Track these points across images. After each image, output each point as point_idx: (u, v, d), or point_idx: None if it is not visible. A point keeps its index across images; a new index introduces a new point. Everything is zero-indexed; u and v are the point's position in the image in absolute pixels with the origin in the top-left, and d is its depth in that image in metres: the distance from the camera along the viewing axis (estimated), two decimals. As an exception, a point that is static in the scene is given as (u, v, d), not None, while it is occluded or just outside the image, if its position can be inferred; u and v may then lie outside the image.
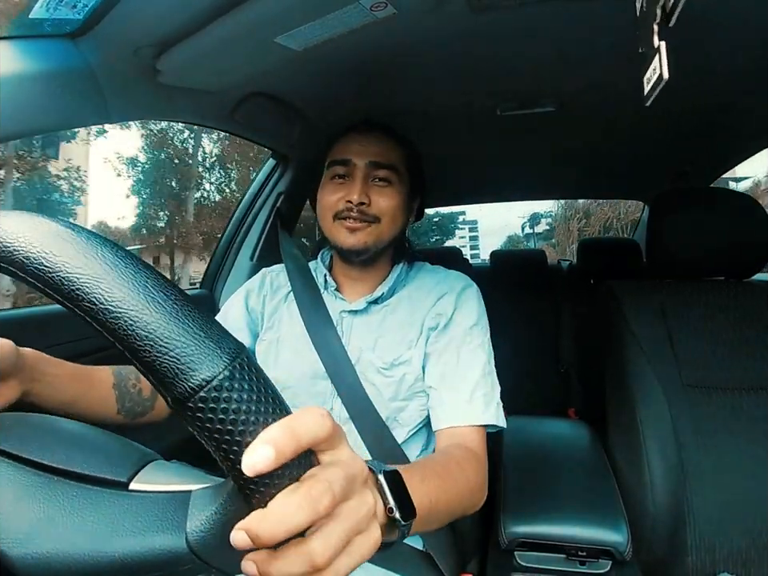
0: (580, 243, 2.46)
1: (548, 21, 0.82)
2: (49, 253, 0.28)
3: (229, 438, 0.27)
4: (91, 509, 0.31)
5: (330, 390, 0.84)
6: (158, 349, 0.27)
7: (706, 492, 0.95)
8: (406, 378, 0.84)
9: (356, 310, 0.89)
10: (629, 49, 0.89)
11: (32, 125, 0.71)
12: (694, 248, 1.08)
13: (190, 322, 0.28)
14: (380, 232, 0.86)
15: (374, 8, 0.70)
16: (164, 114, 0.97)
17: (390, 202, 0.86)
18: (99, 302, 0.27)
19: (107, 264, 0.28)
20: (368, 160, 0.86)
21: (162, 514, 0.31)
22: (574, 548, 0.87)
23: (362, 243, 0.85)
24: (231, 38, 0.73)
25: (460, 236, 36.01)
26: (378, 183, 0.86)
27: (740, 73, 1.01)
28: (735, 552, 0.92)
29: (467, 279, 0.93)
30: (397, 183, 0.88)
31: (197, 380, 0.27)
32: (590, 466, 1.07)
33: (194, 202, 15.35)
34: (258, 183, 1.49)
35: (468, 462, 0.72)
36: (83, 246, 0.29)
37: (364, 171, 0.86)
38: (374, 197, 0.85)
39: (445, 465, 0.67)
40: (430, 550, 0.83)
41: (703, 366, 1.02)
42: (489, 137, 1.49)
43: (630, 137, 1.50)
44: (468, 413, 0.78)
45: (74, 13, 0.65)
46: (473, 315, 0.87)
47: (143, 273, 0.29)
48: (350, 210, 0.84)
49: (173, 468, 0.37)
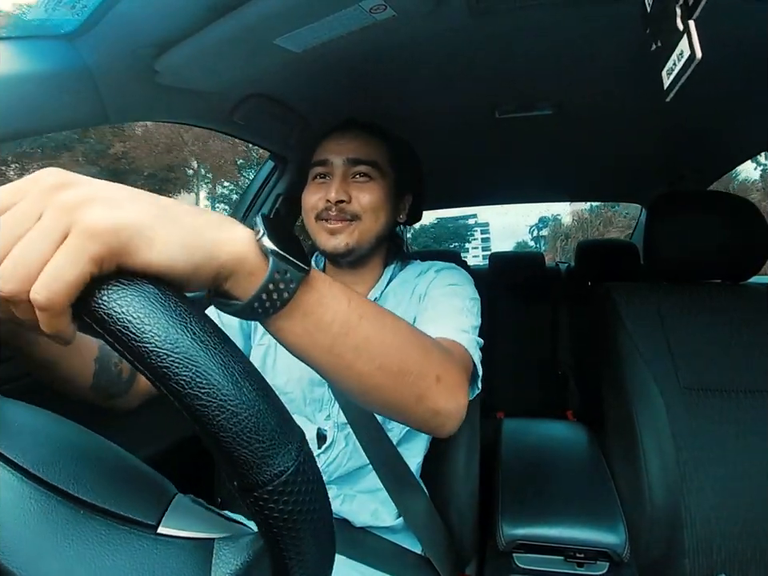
0: (578, 246, 2.46)
1: (546, 24, 0.83)
2: (136, 318, 0.26)
3: (284, 526, 0.27)
4: (122, 551, 0.30)
5: (328, 397, 0.83)
6: (240, 442, 0.26)
7: (704, 494, 0.95)
8: None
9: None
10: (628, 53, 0.91)
11: (30, 126, 0.71)
12: (691, 251, 1.09)
13: (270, 414, 0.28)
14: (362, 231, 0.83)
15: (373, 10, 0.70)
16: (162, 115, 0.96)
17: (371, 197, 0.83)
18: (188, 386, 0.26)
19: (197, 342, 0.27)
20: (345, 157, 0.84)
21: (189, 561, 0.31)
22: (572, 550, 0.87)
23: (343, 245, 0.82)
24: (230, 39, 0.73)
25: (473, 237, 36.41)
26: (357, 180, 0.84)
27: (738, 75, 1.01)
28: (733, 554, 0.92)
29: (450, 264, 0.90)
30: (378, 179, 0.85)
31: (269, 474, 0.27)
32: (587, 467, 1.07)
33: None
34: (256, 184, 1.49)
35: (435, 343, 0.54)
36: (172, 314, 0.27)
37: (342, 169, 0.84)
38: (354, 193, 0.83)
39: (405, 323, 0.49)
40: (427, 553, 0.83)
41: (700, 368, 1.03)
42: (487, 139, 1.49)
43: (627, 140, 1.51)
44: (446, 330, 0.68)
45: (72, 14, 0.65)
46: (451, 279, 0.84)
47: (231, 355, 0.28)
48: (329, 210, 0.82)
49: (194, 509, 0.36)
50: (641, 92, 1.07)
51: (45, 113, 0.71)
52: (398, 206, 0.91)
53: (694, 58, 0.39)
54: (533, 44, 0.90)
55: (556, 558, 0.88)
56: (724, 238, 1.06)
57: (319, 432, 0.83)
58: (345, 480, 0.83)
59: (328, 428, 0.83)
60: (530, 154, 1.69)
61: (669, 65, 0.42)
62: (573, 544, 0.87)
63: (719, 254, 1.08)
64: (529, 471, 1.05)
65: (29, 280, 0.27)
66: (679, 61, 0.41)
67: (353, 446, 0.82)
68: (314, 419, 0.84)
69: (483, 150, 1.63)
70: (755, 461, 0.95)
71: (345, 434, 0.82)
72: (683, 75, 0.40)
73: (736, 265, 1.10)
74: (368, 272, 0.90)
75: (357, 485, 0.84)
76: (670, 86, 0.43)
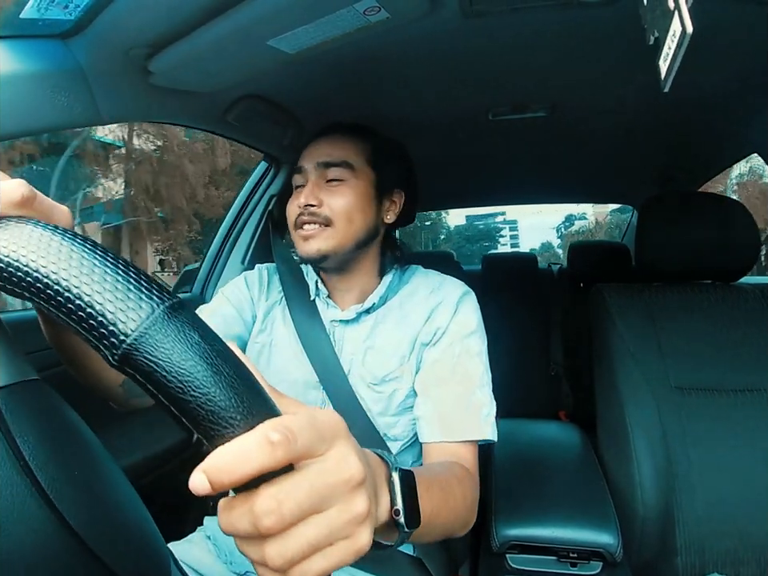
0: (570, 247, 2.47)
1: (540, 27, 0.83)
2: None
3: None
4: None
5: (321, 400, 0.82)
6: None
7: (695, 493, 0.96)
8: (396, 393, 0.81)
9: (347, 320, 0.85)
10: (621, 55, 0.91)
11: (22, 126, 0.70)
12: (682, 251, 1.10)
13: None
14: (336, 236, 0.81)
15: (367, 12, 0.70)
16: (155, 115, 0.96)
17: (342, 201, 0.81)
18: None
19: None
20: (316, 162, 0.83)
21: None
22: (565, 550, 0.88)
23: (314, 250, 0.80)
24: (224, 40, 0.73)
25: (501, 234, 36.66)
26: (330, 184, 0.83)
27: (728, 77, 1.02)
28: (724, 552, 0.93)
29: (463, 286, 0.88)
30: (351, 179, 0.83)
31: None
32: (580, 468, 1.08)
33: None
34: (249, 186, 1.49)
35: (466, 480, 0.69)
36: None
37: (314, 174, 0.83)
38: (325, 198, 0.81)
39: (448, 479, 0.64)
40: (420, 554, 0.82)
41: (691, 368, 1.04)
42: (480, 141, 1.49)
43: (619, 141, 1.52)
44: (462, 428, 0.75)
45: (65, 13, 0.64)
46: (470, 323, 0.83)
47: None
48: (302, 215, 0.81)
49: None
50: (633, 94, 1.08)
51: (37, 113, 0.70)
52: (380, 207, 0.87)
53: (686, 34, 0.39)
54: (526, 46, 0.90)
55: (549, 559, 0.89)
56: (714, 239, 1.07)
57: None
58: None
59: None
60: (523, 156, 1.70)
61: (664, 51, 0.42)
62: (566, 544, 0.88)
63: (710, 254, 1.09)
64: (522, 472, 1.05)
65: (296, 558, 0.29)
66: (673, 42, 0.41)
67: None
68: None
69: (476, 152, 1.63)
70: (746, 459, 0.96)
71: None
72: (678, 56, 0.40)
73: (727, 265, 1.11)
74: (360, 277, 0.88)
75: None
76: (667, 73, 0.43)
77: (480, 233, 33.91)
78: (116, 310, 0.26)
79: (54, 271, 0.27)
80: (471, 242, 30.59)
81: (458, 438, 0.74)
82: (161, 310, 0.27)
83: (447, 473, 0.67)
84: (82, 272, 0.27)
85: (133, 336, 0.26)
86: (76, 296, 0.27)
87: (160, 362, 0.26)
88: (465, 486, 0.67)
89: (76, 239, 0.29)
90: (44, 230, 0.29)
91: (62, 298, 0.27)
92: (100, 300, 0.27)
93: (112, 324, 0.26)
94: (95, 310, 0.26)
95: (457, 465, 0.71)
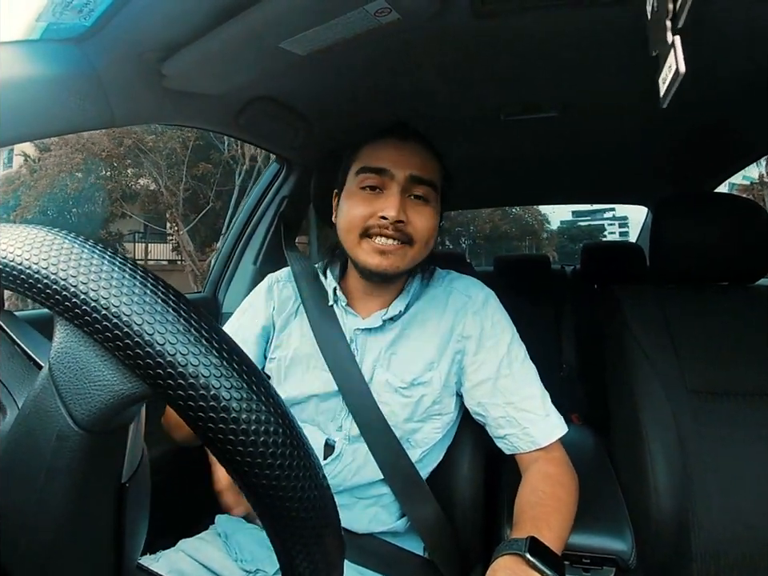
0: (583, 248, 2.45)
1: (551, 26, 0.82)
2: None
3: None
4: None
5: (341, 407, 0.82)
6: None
7: (711, 498, 0.94)
8: (423, 399, 0.81)
9: (370, 328, 0.83)
10: (632, 54, 0.90)
11: (37, 129, 0.72)
12: (697, 253, 1.08)
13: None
14: (413, 255, 0.78)
15: (378, 13, 0.70)
16: (168, 118, 0.97)
17: (427, 224, 0.78)
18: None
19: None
20: (408, 173, 0.77)
21: None
22: (578, 555, 0.86)
23: (392, 267, 0.77)
24: (236, 43, 0.74)
25: (610, 231, 35.95)
26: (415, 201, 0.78)
27: (743, 78, 1.01)
28: (741, 559, 0.91)
29: (481, 286, 0.88)
30: (434, 202, 0.80)
31: None
32: (593, 471, 1.07)
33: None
34: (261, 187, 1.50)
35: (565, 477, 0.76)
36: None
37: (403, 185, 0.77)
38: (411, 215, 0.76)
39: (557, 495, 0.72)
40: (432, 557, 0.82)
41: (707, 370, 1.02)
42: (492, 141, 1.49)
43: (632, 141, 1.50)
44: (550, 429, 0.79)
45: (80, 18, 0.65)
46: (506, 329, 0.84)
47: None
48: (385, 228, 0.75)
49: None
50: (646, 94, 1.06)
51: (52, 116, 0.71)
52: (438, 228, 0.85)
53: (679, 73, 0.39)
54: (537, 46, 0.89)
55: None
56: (730, 240, 1.05)
57: (327, 442, 0.82)
58: (347, 491, 0.82)
59: (338, 439, 0.82)
60: (536, 156, 1.69)
61: (663, 74, 0.43)
62: (579, 549, 0.87)
63: (726, 255, 1.07)
64: None
65: None
66: (669, 72, 0.41)
67: (362, 461, 0.80)
68: (325, 429, 0.83)
69: (488, 152, 1.62)
70: (763, 464, 0.94)
71: (354, 447, 0.81)
72: (672, 88, 0.41)
73: (742, 267, 1.09)
74: (394, 285, 0.86)
75: (358, 495, 0.83)
76: (665, 95, 0.43)
77: (582, 232, 31.87)
78: None
79: None
80: (573, 242, 28.55)
81: (551, 439, 0.79)
82: None
83: (553, 487, 0.74)
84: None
85: None
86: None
87: None
88: (568, 484, 0.75)
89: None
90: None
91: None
92: None
93: None
94: None
95: (551, 465, 0.77)
